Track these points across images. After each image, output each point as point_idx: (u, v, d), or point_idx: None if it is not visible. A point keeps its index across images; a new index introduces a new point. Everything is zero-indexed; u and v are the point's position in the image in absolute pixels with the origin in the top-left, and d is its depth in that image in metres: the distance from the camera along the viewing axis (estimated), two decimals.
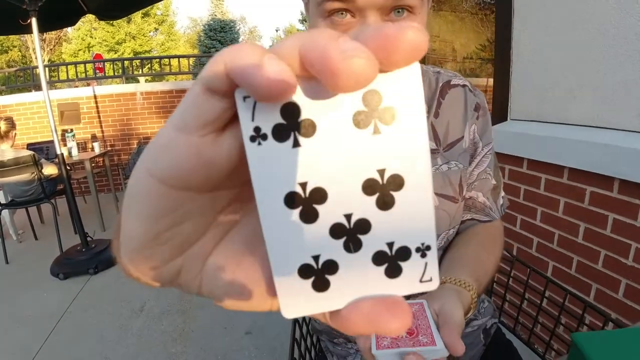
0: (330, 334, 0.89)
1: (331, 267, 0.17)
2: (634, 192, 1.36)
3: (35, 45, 3.00)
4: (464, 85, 0.76)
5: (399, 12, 0.54)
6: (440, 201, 0.72)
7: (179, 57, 7.66)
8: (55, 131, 3.12)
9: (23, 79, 7.29)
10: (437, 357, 0.39)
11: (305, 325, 1.00)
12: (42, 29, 3.19)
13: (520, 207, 1.89)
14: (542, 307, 1.05)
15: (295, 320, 0.91)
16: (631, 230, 1.39)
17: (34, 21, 2.94)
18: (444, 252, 0.76)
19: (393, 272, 0.17)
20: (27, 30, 3.15)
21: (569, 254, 1.66)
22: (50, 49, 21.74)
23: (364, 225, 0.16)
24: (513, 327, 1.17)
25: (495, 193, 0.79)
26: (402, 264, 0.17)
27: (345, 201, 0.16)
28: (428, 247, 0.17)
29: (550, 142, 1.64)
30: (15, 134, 3.57)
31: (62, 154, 3.17)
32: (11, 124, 3.51)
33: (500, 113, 1.99)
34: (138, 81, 7.21)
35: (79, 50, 22.53)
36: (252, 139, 0.15)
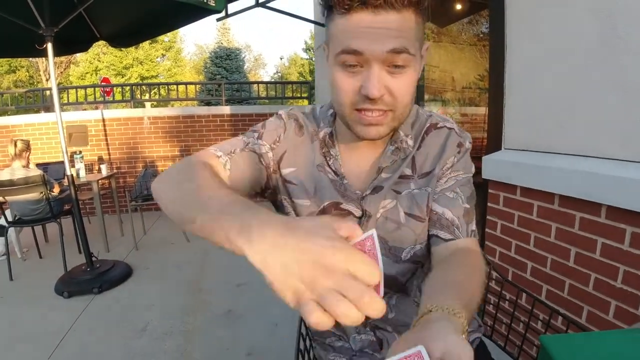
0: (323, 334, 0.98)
1: None
2: (620, 218, 1.43)
3: (49, 68, 3.13)
4: (450, 128, 0.87)
5: (396, 66, 0.67)
6: (406, 219, 0.83)
7: (186, 83, 7.85)
8: (66, 152, 3.22)
9: (32, 100, 7.44)
10: None
11: (309, 339, 1.06)
12: (57, 54, 3.32)
13: (514, 232, 1.96)
14: (530, 325, 1.11)
15: (300, 334, 0.97)
16: (619, 254, 1.46)
17: (49, 46, 3.07)
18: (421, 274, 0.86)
19: None
20: (42, 54, 3.29)
21: (561, 277, 1.72)
22: (60, 72, 22.14)
23: None
24: (504, 345, 1.23)
25: (469, 218, 0.83)
26: None
27: None
28: None
29: (542, 170, 1.72)
30: (29, 155, 3.68)
31: (71, 175, 3.26)
32: (27, 145, 3.63)
33: (494, 143, 2.09)
34: (144, 106, 7.37)
35: (87, 73, 22.94)
36: None
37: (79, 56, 23.19)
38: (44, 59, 20.62)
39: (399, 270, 0.86)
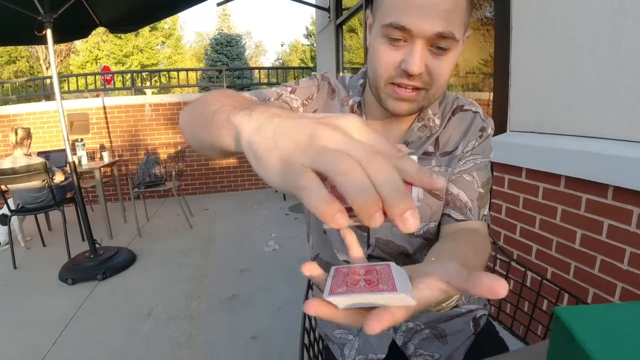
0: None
1: None
2: (627, 198, 1.42)
3: (50, 56, 3.10)
4: (475, 112, 0.87)
5: (438, 47, 0.67)
6: (425, 195, 0.82)
7: (187, 70, 7.80)
8: (68, 140, 3.21)
9: (33, 89, 7.42)
10: (401, 305, 0.34)
11: (312, 332, 1.05)
12: (56, 41, 3.29)
13: (519, 215, 1.94)
14: (536, 304, 1.10)
15: (304, 328, 0.96)
16: (625, 235, 1.45)
17: (49, 32, 3.04)
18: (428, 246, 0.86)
19: None
20: (41, 41, 3.26)
21: (566, 259, 1.71)
22: (60, 61, 22.05)
23: None
24: (510, 325, 1.22)
25: (482, 202, 0.84)
26: None
27: None
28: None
29: (548, 152, 1.70)
30: (30, 143, 3.67)
31: (73, 162, 3.25)
32: (27, 133, 3.62)
33: (499, 125, 2.06)
34: (145, 93, 7.34)
35: (87, 62, 22.86)
36: None
37: (78, 45, 23.12)
38: (44, 48, 20.62)
39: (411, 243, 0.86)
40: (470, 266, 0.59)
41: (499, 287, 0.31)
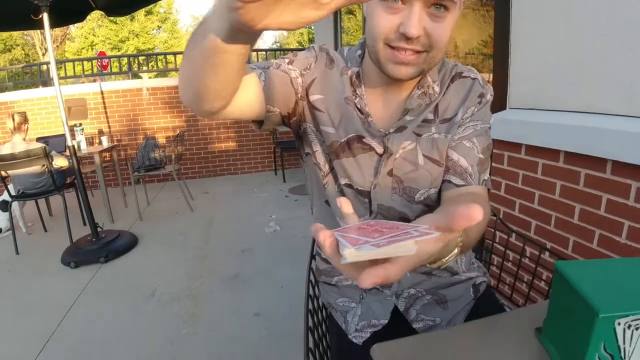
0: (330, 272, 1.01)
1: None
2: (626, 173, 1.43)
3: (46, 41, 3.08)
4: (474, 78, 0.87)
5: (437, 7, 0.67)
6: (425, 162, 0.83)
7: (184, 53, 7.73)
8: (67, 124, 3.20)
9: (30, 76, 7.36)
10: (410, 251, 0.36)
11: (316, 300, 1.07)
12: (53, 25, 3.26)
13: (519, 191, 1.96)
14: (536, 274, 1.12)
15: (308, 295, 0.98)
16: (624, 209, 1.46)
17: (45, 16, 3.01)
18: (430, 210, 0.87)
19: None
20: (38, 25, 3.23)
21: (565, 234, 1.73)
22: (57, 46, 21.78)
23: None
24: (510, 296, 1.24)
25: (483, 168, 0.85)
26: None
27: None
28: None
29: (547, 128, 1.71)
30: (28, 127, 3.65)
31: (73, 146, 3.25)
32: (24, 117, 3.61)
33: (499, 102, 2.06)
34: (141, 77, 7.28)
35: (82, 48, 22.58)
36: None
37: (74, 31, 22.81)
38: (39, 34, 20.36)
39: (411, 210, 0.87)
40: (470, 227, 0.60)
41: (473, 211, 0.36)
